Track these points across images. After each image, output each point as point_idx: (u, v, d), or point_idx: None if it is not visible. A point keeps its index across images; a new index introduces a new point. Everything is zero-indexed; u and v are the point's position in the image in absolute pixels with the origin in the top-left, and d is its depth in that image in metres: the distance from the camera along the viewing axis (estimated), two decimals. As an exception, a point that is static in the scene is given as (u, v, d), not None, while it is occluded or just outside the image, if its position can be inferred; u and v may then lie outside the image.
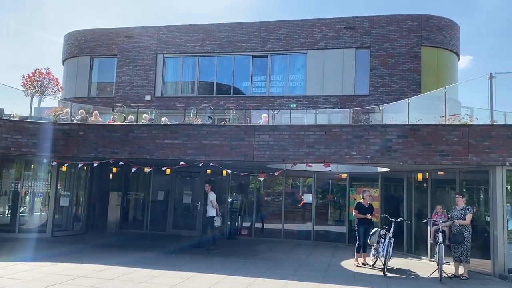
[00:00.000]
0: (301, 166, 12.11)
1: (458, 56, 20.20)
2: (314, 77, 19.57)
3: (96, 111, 15.62)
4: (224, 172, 12.80)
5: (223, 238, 15.21)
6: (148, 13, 72.07)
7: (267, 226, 15.93)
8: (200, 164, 11.65)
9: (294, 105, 19.16)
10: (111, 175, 16.56)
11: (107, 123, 13.93)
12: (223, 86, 20.97)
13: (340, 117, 17.75)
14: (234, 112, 16.65)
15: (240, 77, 20.61)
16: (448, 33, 19.39)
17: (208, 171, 15.04)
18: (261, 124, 13.34)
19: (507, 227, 10.37)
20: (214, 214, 12.86)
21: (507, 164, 10.06)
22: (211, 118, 14.89)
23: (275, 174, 12.41)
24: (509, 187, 11.21)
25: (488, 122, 10.65)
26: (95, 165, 12.44)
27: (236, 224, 15.56)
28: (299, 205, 15.68)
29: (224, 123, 13.42)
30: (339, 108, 18.64)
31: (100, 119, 15.00)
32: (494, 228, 10.09)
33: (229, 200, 15.87)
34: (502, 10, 63.64)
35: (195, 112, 15.99)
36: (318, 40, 19.68)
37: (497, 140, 10.14)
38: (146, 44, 21.60)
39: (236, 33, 20.62)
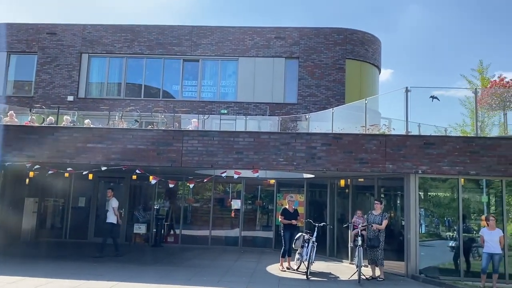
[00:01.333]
0: (230, 172, 12.18)
1: (379, 69, 21.50)
2: (245, 84, 19.79)
3: (12, 111, 14.49)
4: (151, 178, 12.47)
5: (148, 245, 14.84)
6: (72, 10, 68.63)
7: (194, 232, 15.74)
8: (124, 168, 11.25)
9: (225, 111, 19.22)
10: (27, 180, 15.45)
11: (23, 124, 13.00)
12: (152, 89, 20.49)
13: (269, 124, 18.13)
14: (163, 116, 16.32)
15: (170, 80, 20.28)
16: (370, 47, 20.57)
17: (134, 177, 14.58)
18: (190, 129, 13.21)
19: (420, 231, 11.20)
20: (114, 221, 12.52)
21: (420, 172, 10.84)
22: (137, 121, 14.49)
23: (204, 181, 12.31)
24: (422, 193, 12.10)
25: (403, 133, 11.41)
26: (7, 164, 11.52)
27: (162, 231, 15.20)
28: (232, 215, 15.65)
29: (152, 127, 13.10)
30: (268, 115, 19.01)
31: (16, 120, 13.96)
32: (407, 232, 10.81)
33: (156, 206, 15.48)
34: (421, 27, 68.91)
35: (120, 115, 15.44)
36: (250, 47, 19.95)
37: (411, 149, 10.90)
38: (70, 42, 20.54)
39: (167, 36, 20.29)
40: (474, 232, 11.30)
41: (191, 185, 12.80)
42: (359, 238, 10.23)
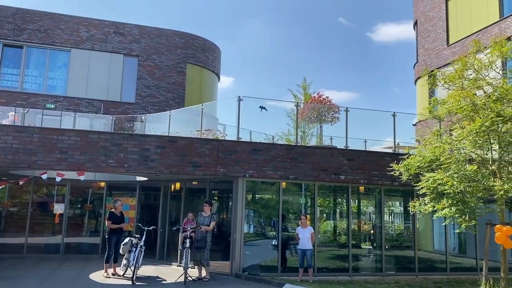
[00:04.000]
0: (52, 174, 11.10)
1: (219, 77, 22.29)
2: (78, 78, 18.34)
3: None
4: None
5: None
6: None
7: (6, 240, 13.86)
8: None
9: (52, 106, 17.47)
10: None
11: None
12: (-40, 74, 17.45)
13: (103, 123, 17.11)
14: (-29, 107, 14.03)
15: (-15, 66, 17.56)
16: (211, 55, 21.19)
17: None
18: (4, 123, 11.64)
19: (247, 231, 11.89)
20: None
21: (247, 175, 11.55)
22: None
23: (19, 183, 10.97)
24: (251, 195, 12.90)
25: (235, 139, 12.01)
26: None
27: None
28: (55, 221, 14.27)
29: (-46, 118, 11.16)
30: (103, 113, 17.94)
31: None
32: (234, 232, 11.38)
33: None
34: (261, 40, 73.88)
35: None
36: (85, 39, 18.59)
37: (240, 154, 11.54)
38: None
39: (-17, 15, 17.56)
40: (294, 231, 12.49)
41: (0, 187, 11.28)
42: (188, 241, 10.37)
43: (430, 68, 17.54)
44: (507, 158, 9.71)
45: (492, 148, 9.66)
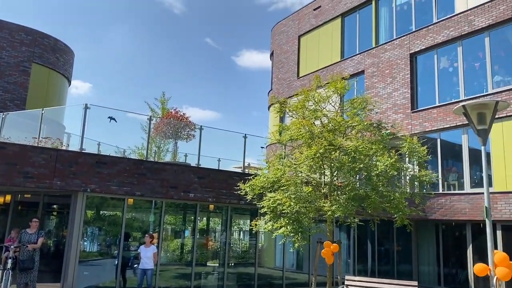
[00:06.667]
0: None
1: (70, 81, 20.64)
2: None
3: None
4: None
5: None
6: None
7: None
8: None
9: None
10: None
11: None
12: None
13: None
14: None
15: None
16: (62, 57, 19.54)
17: None
18: None
19: (86, 249, 10.97)
20: None
21: (88, 190, 10.72)
22: None
23: None
24: (94, 212, 12.00)
25: (78, 149, 11.10)
26: None
27: None
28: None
29: None
30: None
31: None
32: (68, 251, 10.40)
33: None
34: (125, 49, 71.16)
35: None
36: None
37: (82, 167, 10.68)
38: None
39: None
40: (138, 250, 11.97)
41: None
42: (10, 261, 9.11)
43: (282, 97, 18.89)
44: (335, 183, 10.82)
45: (325, 173, 10.68)
